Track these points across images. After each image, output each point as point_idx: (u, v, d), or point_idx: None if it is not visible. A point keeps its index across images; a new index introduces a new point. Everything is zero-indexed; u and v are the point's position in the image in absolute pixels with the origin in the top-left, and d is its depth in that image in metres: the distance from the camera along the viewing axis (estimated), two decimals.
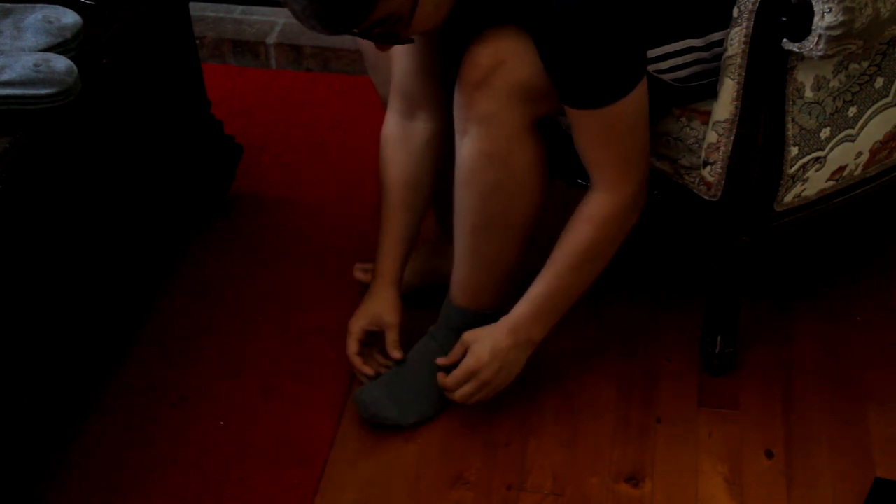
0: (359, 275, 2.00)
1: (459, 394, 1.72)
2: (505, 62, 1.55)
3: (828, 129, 1.64)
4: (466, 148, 1.62)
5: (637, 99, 1.55)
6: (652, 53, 1.61)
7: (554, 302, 1.70)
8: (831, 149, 1.67)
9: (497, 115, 1.58)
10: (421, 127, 1.79)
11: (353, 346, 1.82)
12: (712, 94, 1.64)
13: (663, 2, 1.60)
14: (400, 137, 1.80)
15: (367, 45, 1.85)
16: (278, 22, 2.70)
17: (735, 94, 1.60)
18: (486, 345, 1.70)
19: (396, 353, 1.80)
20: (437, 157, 1.81)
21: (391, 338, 1.80)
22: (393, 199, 1.81)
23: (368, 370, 1.81)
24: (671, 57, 1.64)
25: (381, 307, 1.81)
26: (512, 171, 1.63)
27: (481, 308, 1.78)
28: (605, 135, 1.58)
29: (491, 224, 1.69)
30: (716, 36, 1.61)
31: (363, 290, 2.01)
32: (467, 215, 1.69)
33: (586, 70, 1.52)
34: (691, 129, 1.70)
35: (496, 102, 1.57)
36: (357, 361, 1.81)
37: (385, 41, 1.54)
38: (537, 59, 1.55)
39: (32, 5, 1.66)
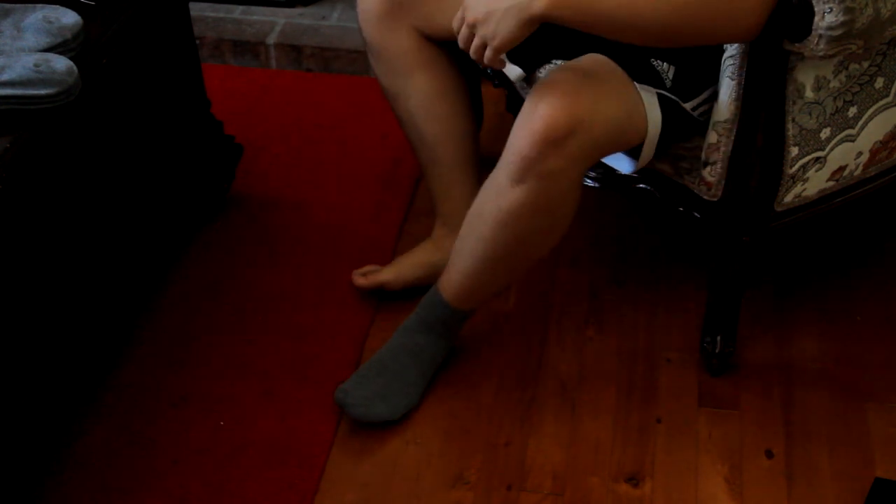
0: (359, 280, 2.00)
1: (460, 39, 1.58)
2: (583, 122, 1.55)
3: (828, 129, 1.64)
4: (518, 196, 1.60)
5: None
6: (696, 101, 1.66)
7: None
8: (831, 149, 1.67)
9: (563, 172, 1.59)
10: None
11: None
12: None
13: (706, 53, 1.63)
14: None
15: (370, 32, 1.85)
16: (278, 22, 2.70)
17: (735, 94, 1.60)
18: None
19: None
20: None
21: None
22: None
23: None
24: (708, 101, 1.67)
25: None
26: (554, 219, 1.66)
27: (465, 307, 1.81)
28: None
29: (511, 257, 1.71)
30: None
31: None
32: (489, 245, 1.69)
33: None
34: None
35: (566, 162, 1.57)
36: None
37: None
38: (611, 112, 1.58)
39: (32, 5, 1.66)
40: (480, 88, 2.06)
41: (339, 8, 2.74)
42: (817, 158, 1.66)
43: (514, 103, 2.02)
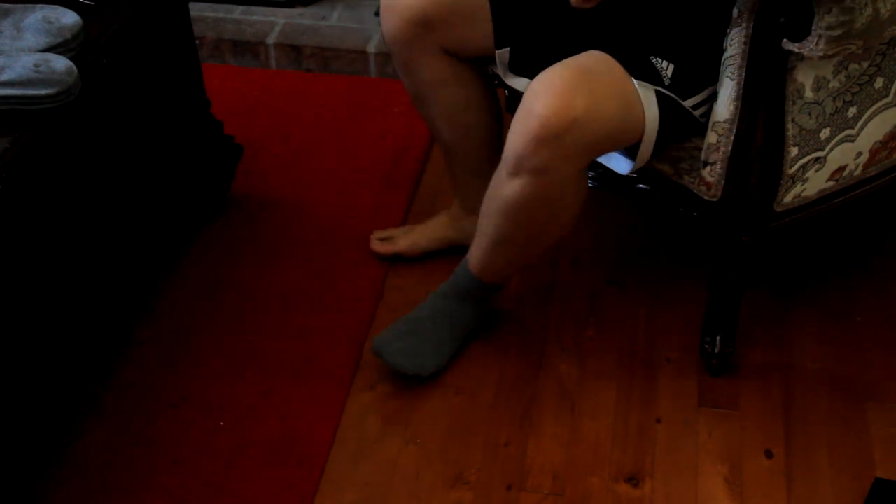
0: (377, 246, 2.08)
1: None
2: (577, 121, 1.56)
3: (828, 129, 1.64)
4: (515, 188, 1.64)
5: None
6: (695, 100, 1.65)
7: None
8: (831, 149, 1.67)
9: (558, 168, 1.61)
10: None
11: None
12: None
13: (706, 50, 1.64)
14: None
15: (397, 52, 1.85)
16: (278, 22, 2.70)
17: (735, 94, 1.60)
18: None
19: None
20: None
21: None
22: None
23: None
24: (708, 101, 1.67)
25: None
26: (558, 211, 1.70)
27: (492, 281, 1.86)
28: None
29: (519, 241, 1.76)
30: None
31: (362, 289, 2.02)
32: (498, 229, 1.74)
33: None
34: None
35: (560, 159, 1.60)
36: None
37: None
38: (608, 111, 1.58)
39: (32, 5, 1.66)
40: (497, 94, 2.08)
41: (339, 8, 2.74)
42: (817, 158, 1.66)
43: (514, 103, 2.02)
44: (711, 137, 1.65)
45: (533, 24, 1.78)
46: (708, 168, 1.68)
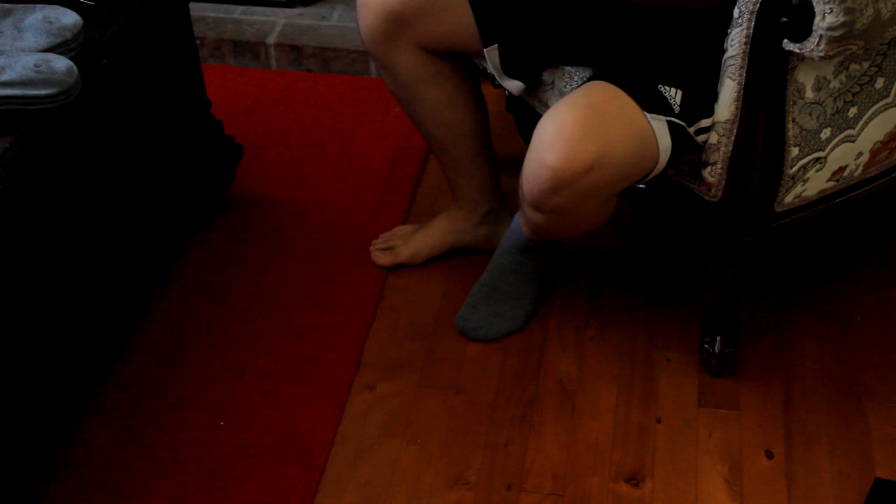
0: (379, 258, 2.09)
1: None
2: (591, 168, 1.55)
3: (828, 129, 1.64)
4: (539, 218, 1.68)
5: None
6: (701, 125, 1.64)
7: None
8: (832, 149, 1.67)
9: (578, 206, 1.62)
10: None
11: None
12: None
13: (711, 73, 1.63)
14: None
15: (374, 50, 1.85)
16: (278, 22, 2.70)
17: (735, 94, 1.60)
18: None
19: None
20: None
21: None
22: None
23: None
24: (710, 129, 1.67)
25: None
26: (586, 224, 1.73)
27: (543, 239, 1.89)
28: None
29: (558, 233, 1.80)
30: None
31: (362, 289, 2.02)
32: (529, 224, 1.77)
33: None
34: None
35: (578, 199, 1.60)
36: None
37: None
38: (622, 153, 1.58)
39: (32, 5, 1.66)
40: (480, 88, 2.07)
41: (339, 8, 2.74)
42: (817, 159, 1.67)
43: (514, 103, 2.02)
44: (712, 137, 1.65)
45: (520, 19, 1.76)
46: (709, 168, 1.68)
